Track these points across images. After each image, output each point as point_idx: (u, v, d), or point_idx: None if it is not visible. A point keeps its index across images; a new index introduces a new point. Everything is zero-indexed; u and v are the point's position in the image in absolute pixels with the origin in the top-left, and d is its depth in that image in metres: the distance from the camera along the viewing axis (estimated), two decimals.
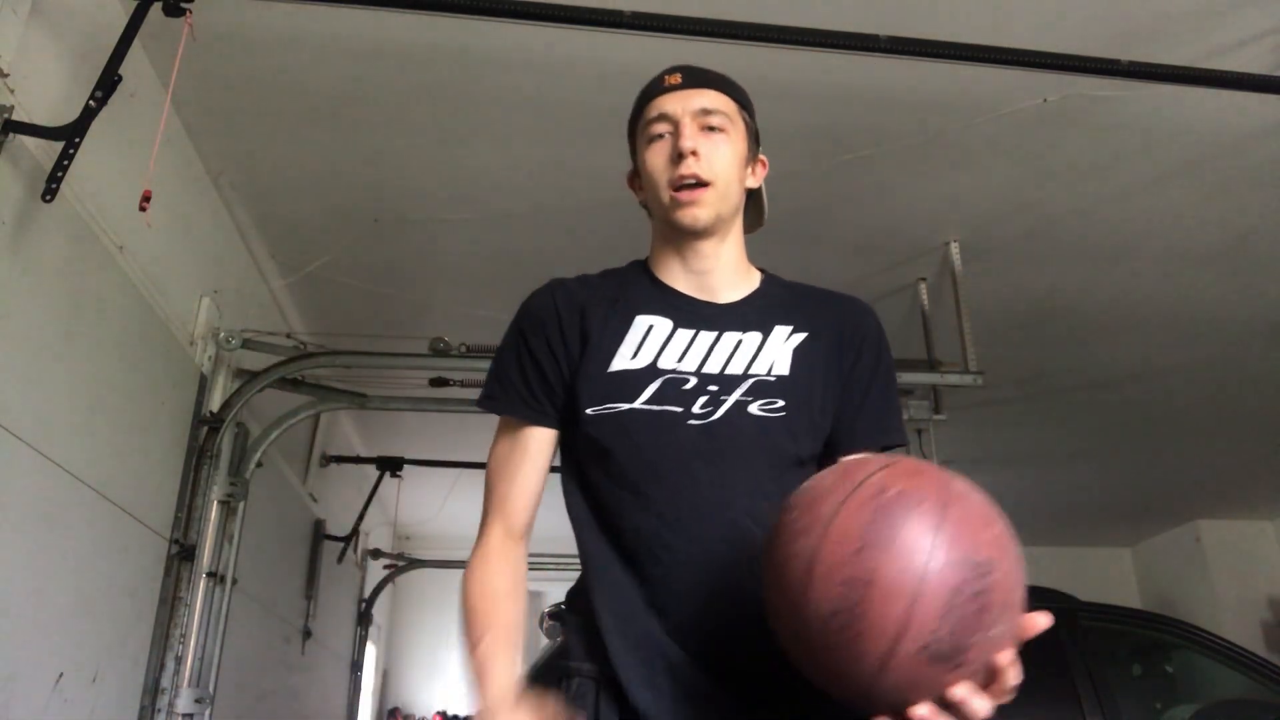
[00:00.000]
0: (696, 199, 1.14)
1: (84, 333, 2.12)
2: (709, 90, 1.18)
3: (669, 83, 1.19)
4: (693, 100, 1.16)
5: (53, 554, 2.01)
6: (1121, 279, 3.44)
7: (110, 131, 2.03)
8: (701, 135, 1.15)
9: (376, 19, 2.19)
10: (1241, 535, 6.47)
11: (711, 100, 1.17)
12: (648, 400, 1.10)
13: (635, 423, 1.09)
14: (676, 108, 1.16)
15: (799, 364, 1.14)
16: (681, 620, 1.06)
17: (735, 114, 1.19)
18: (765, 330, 1.16)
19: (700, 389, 1.11)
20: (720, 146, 1.16)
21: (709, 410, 1.09)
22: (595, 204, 2.95)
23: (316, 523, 4.65)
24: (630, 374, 1.12)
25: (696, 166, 1.13)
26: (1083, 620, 3.18)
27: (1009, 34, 2.18)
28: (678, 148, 1.14)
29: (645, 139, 1.19)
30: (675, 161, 1.14)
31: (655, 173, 1.17)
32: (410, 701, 7.15)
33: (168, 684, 2.52)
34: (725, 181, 1.15)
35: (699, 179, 1.13)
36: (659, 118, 1.17)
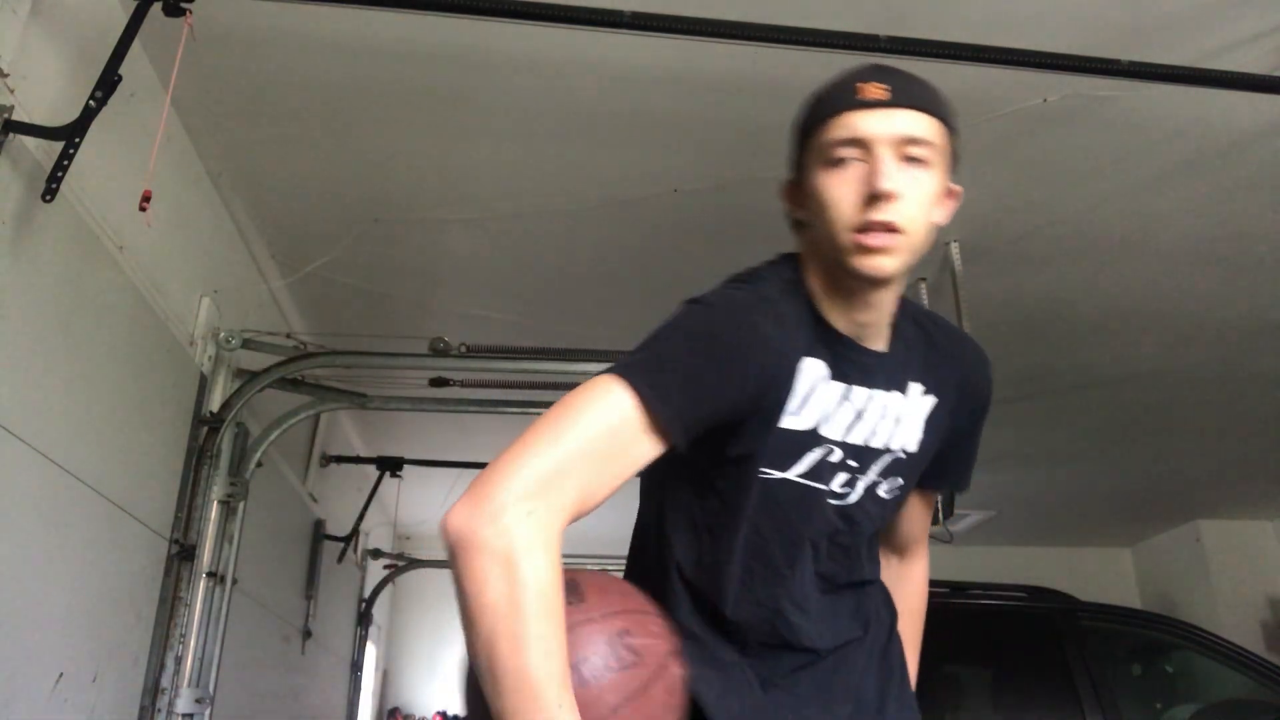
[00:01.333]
0: (885, 247, 0.94)
1: (84, 333, 2.12)
2: (918, 112, 0.97)
3: (869, 95, 0.96)
4: (897, 123, 0.95)
5: (52, 554, 2.01)
6: (1121, 279, 3.44)
7: (110, 131, 2.03)
8: (901, 169, 0.95)
9: (377, 19, 2.19)
10: (1241, 535, 6.47)
11: (919, 126, 0.96)
12: (803, 473, 1.01)
13: (787, 494, 1.01)
14: (875, 131, 0.95)
15: (926, 437, 1.11)
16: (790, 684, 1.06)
17: (942, 140, 0.99)
18: (904, 389, 1.08)
19: (842, 464, 1.03)
20: (921, 184, 0.96)
21: (846, 491, 1.05)
22: (595, 204, 2.95)
23: (316, 523, 4.65)
24: (794, 436, 1.00)
25: (893, 212, 0.93)
26: (1083, 620, 3.18)
27: (1009, 34, 2.18)
28: (874, 186, 0.93)
29: (824, 160, 0.97)
30: (867, 201, 0.94)
31: (836, 207, 0.96)
32: (410, 701, 7.15)
33: (168, 684, 2.52)
34: (919, 228, 0.96)
35: (892, 227, 0.94)
36: (850, 141, 0.96)
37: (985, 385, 1.17)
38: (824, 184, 0.97)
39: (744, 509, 1.00)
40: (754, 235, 3.38)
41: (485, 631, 0.83)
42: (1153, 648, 3.49)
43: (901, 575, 1.29)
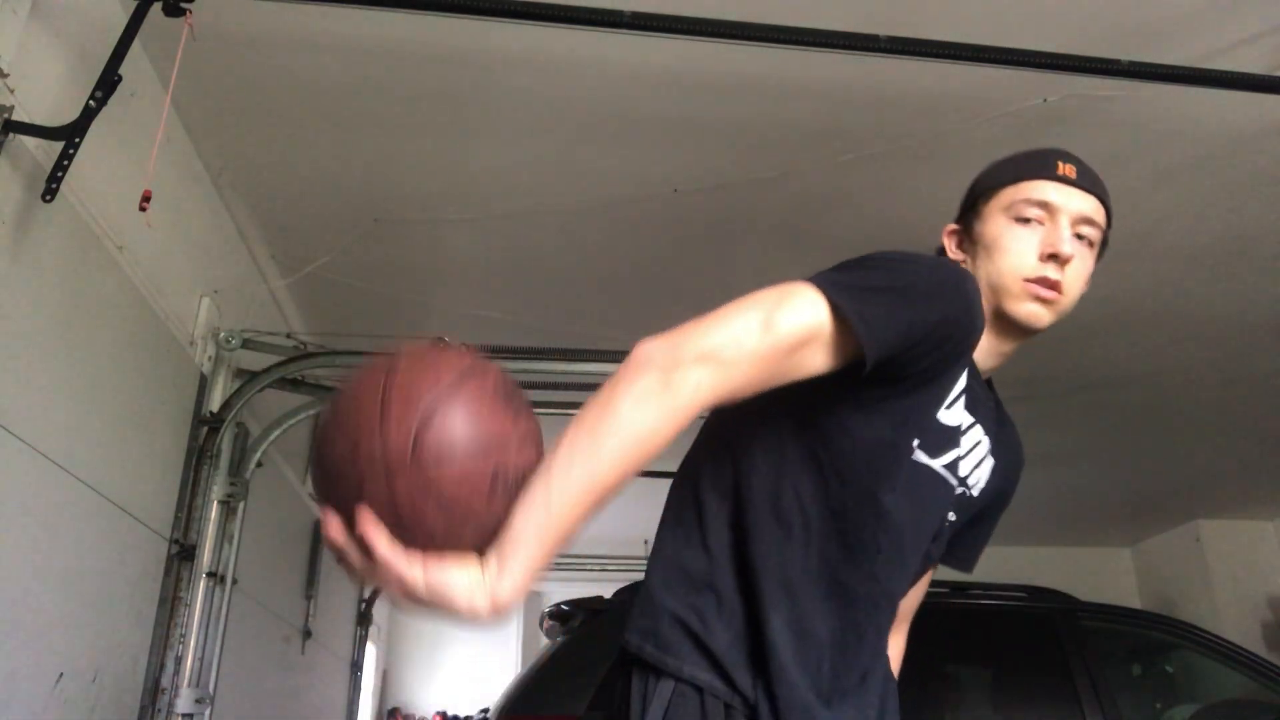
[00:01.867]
0: (1051, 299, 1.07)
1: (84, 333, 2.12)
2: (1095, 198, 1.11)
3: (1063, 172, 1.11)
4: (1080, 203, 1.10)
5: (52, 554, 2.01)
6: (1121, 279, 3.44)
7: (110, 131, 2.03)
8: (1074, 242, 1.09)
9: (377, 19, 2.19)
10: (1241, 535, 6.47)
11: (1094, 211, 1.11)
12: (946, 465, 1.07)
13: (928, 481, 1.05)
14: (1061, 202, 1.09)
15: (985, 493, 1.16)
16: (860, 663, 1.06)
17: (1103, 228, 1.13)
18: (986, 433, 1.14)
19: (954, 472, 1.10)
20: (1086, 260, 1.11)
21: (964, 491, 1.12)
22: (596, 204, 2.95)
23: (316, 523, 4.64)
24: (947, 430, 1.06)
25: (1063, 275, 1.07)
26: (1083, 620, 3.18)
27: (1009, 34, 2.18)
28: (1056, 247, 1.06)
29: (1011, 215, 1.11)
30: (1045, 259, 1.07)
31: (1014, 257, 1.08)
32: (410, 701, 7.16)
33: (168, 684, 2.52)
34: (1072, 298, 1.10)
35: (1058, 286, 1.07)
36: (1039, 204, 1.10)
37: (1018, 470, 1.23)
38: (1009, 236, 1.09)
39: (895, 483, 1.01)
40: (754, 235, 3.40)
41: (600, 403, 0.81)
42: (1153, 648, 3.48)
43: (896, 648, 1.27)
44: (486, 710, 3.18)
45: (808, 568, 1.00)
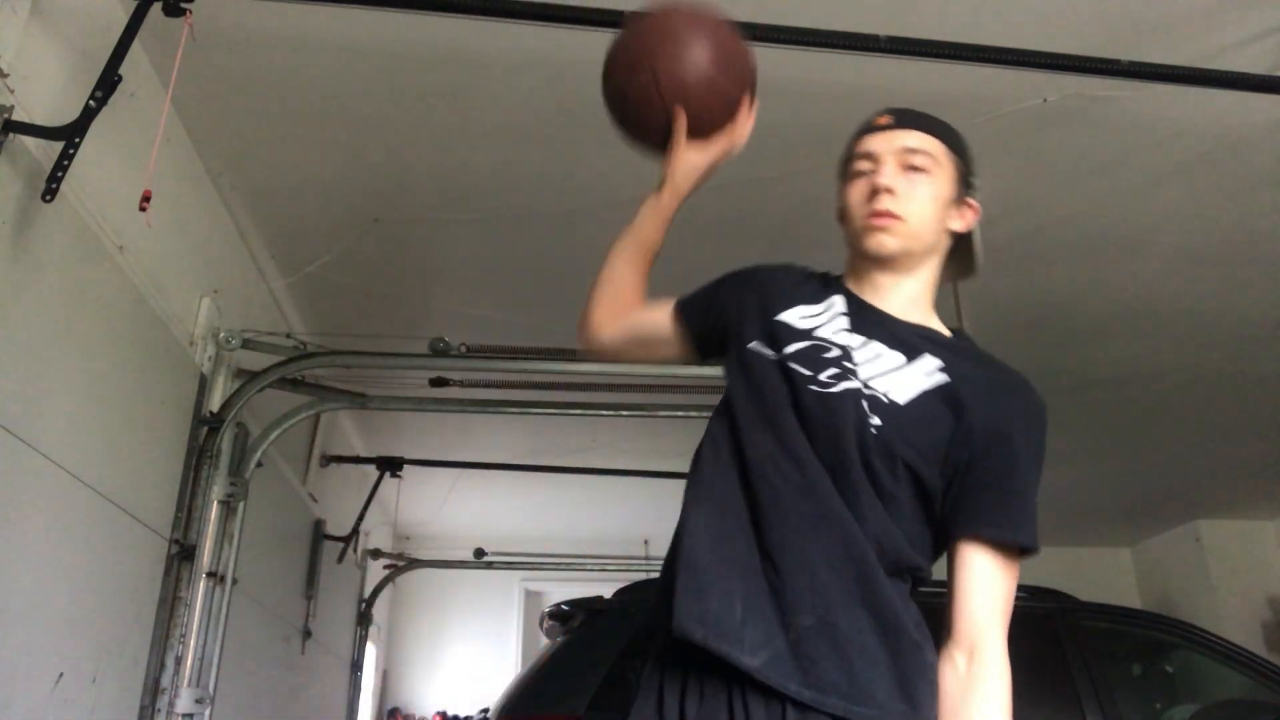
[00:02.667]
0: (885, 225, 1.17)
1: (84, 333, 2.12)
2: (916, 131, 1.21)
3: (878, 123, 1.23)
4: (898, 139, 1.20)
5: (52, 554, 2.01)
6: (1122, 279, 3.44)
7: (110, 131, 2.03)
8: (901, 173, 1.18)
9: (377, 19, 2.19)
10: (1241, 535, 6.47)
11: (917, 140, 1.20)
12: (792, 355, 1.15)
13: (775, 369, 1.15)
14: (881, 147, 1.20)
15: (923, 404, 1.10)
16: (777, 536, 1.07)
17: (943, 156, 1.21)
18: (911, 355, 1.13)
19: (834, 362, 1.13)
20: (919, 186, 1.18)
21: (831, 382, 1.11)
22: (596, 204, 2.95)
23: (316, 523, 4.65)
24: (789, 328, 1.18)
25: (890, 202, 1.17)
26: (1083, 620, 3.18)
27: (1009, 34, 2.18)
28: (874, 182, 1.18)
29: (849, 175, 1.24)
30: (871, 197, 1.18)
31: (853, 207, 1.21)
32: (410, 701, 7.15)
33: (168, 684, 2.52)
34: (919, 219, 1.18)
35: (891, 214, 1.16)
36: (863, 155, 1.22)
37: (1028, 408, 1.15)
38: (847, 191, 1.23)
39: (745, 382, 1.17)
40: (754, 235, 3.39)
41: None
42: (1153, 648, 3.48)
43: (971, 683, 1.05)
44: (486, 710, 3.18)
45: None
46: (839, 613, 1.03)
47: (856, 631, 1.03)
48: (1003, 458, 1.10)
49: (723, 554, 1.07)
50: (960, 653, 1.07)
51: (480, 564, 5.94)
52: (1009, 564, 1.10)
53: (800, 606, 1.03)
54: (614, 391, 3.54)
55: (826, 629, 1.02)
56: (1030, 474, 1.12)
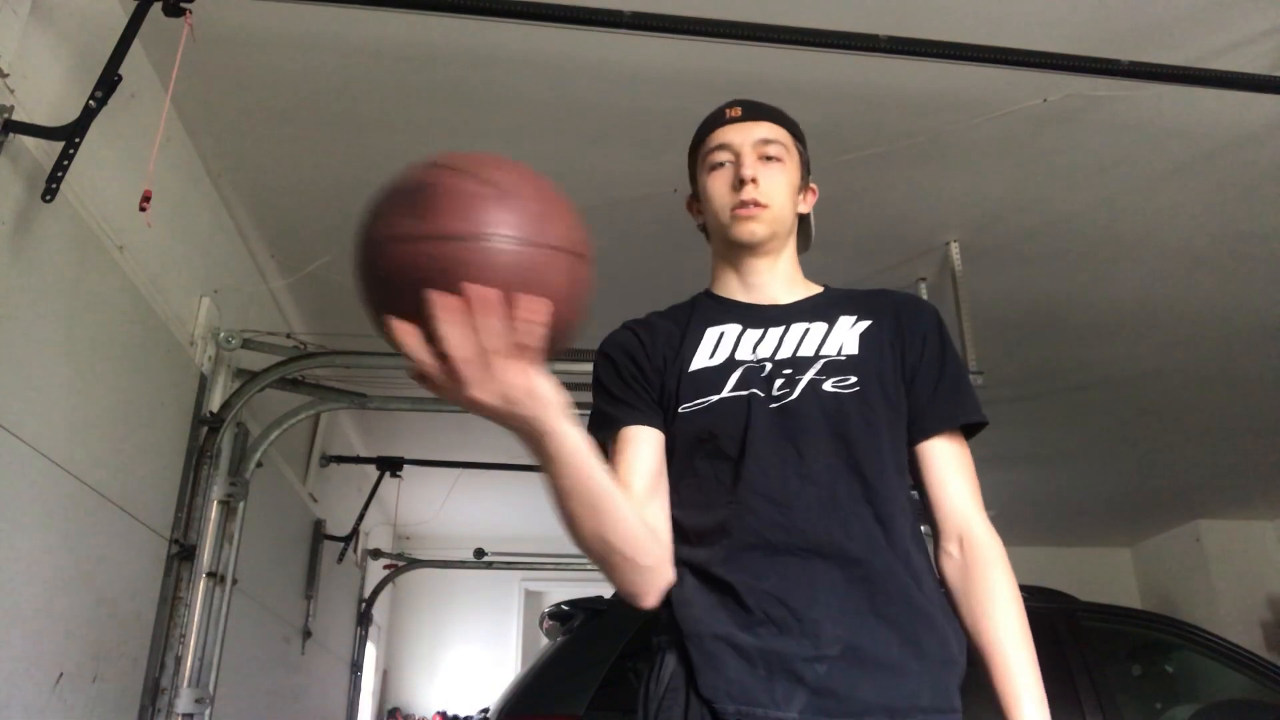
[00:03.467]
0: (754, 215, 1.22)
1: (84, 333, 2.12)
2: (767, 122, 1.26)
3: (730, 115, 1.27)
4: (753, 131, 1.25)
5: (52, 554, 2.01)
6: (1121, 279, 3.44)
7: (110, 131, 2.03)
8: (760, 164, 1.23)
9: (377, 19, 2.19)
10: (1241, 535, 6.47)
11: (769, 131, 1.26)
12: (733, 389, 1.16)
13: (725, 409, 1.15)
14: (737, 138, 1.25)
15: (866, 345, 1.19)
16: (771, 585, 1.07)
17: (790, 145, 1.27)
18: (830, 320, 1.22)
19: (776, 373, 1.17)
20: (776, 174, 1.24)
21: (785, 392, 1.15)
22: (596, 204, 2.95)
23: (316, 523, 4.65)
24: (711, 370, 1.19)
25: (755, 192, 1.22)
26: (1083, 620, 3.18)
27: (1009, 34, 2.18)
28: (739, 175, 1.22)
29: (707, 166, 1.27)
30: (737, 188, 1.23)
31: (717, 198, 1.25)
32: (410, 701, 7.15)
33: (168, 684, 2.52)
34: (780, 205, 1.24)
35: (757, 203, 1.22)
36: (720, 147, 1.26)
37: (927, 319, 1.25)
38: (709, 183, 1.27)
39: (701, 433, 1.16)
40: None
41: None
42: (1153, 648, 3.48)
43: (970, 565, 1.11)
44: (486, 710, 3.18)
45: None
46: (861, 636, 1.04)
47: (884, 647, 1.03)
48: (934, 360, 1.21)
49: (725, 613, 1.07)
50: (951, 543, 1.14)
51: (480, 564, 5.94)
52: (965, 445, 1.22)
53: (822, 640, 1.03)
54: None
55: (852, 655, 1.03)
56: (955, 363, 1.23)
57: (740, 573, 1.07)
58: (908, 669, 1.03)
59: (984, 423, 1.21)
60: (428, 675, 7.25)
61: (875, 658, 1.03)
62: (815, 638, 1.03)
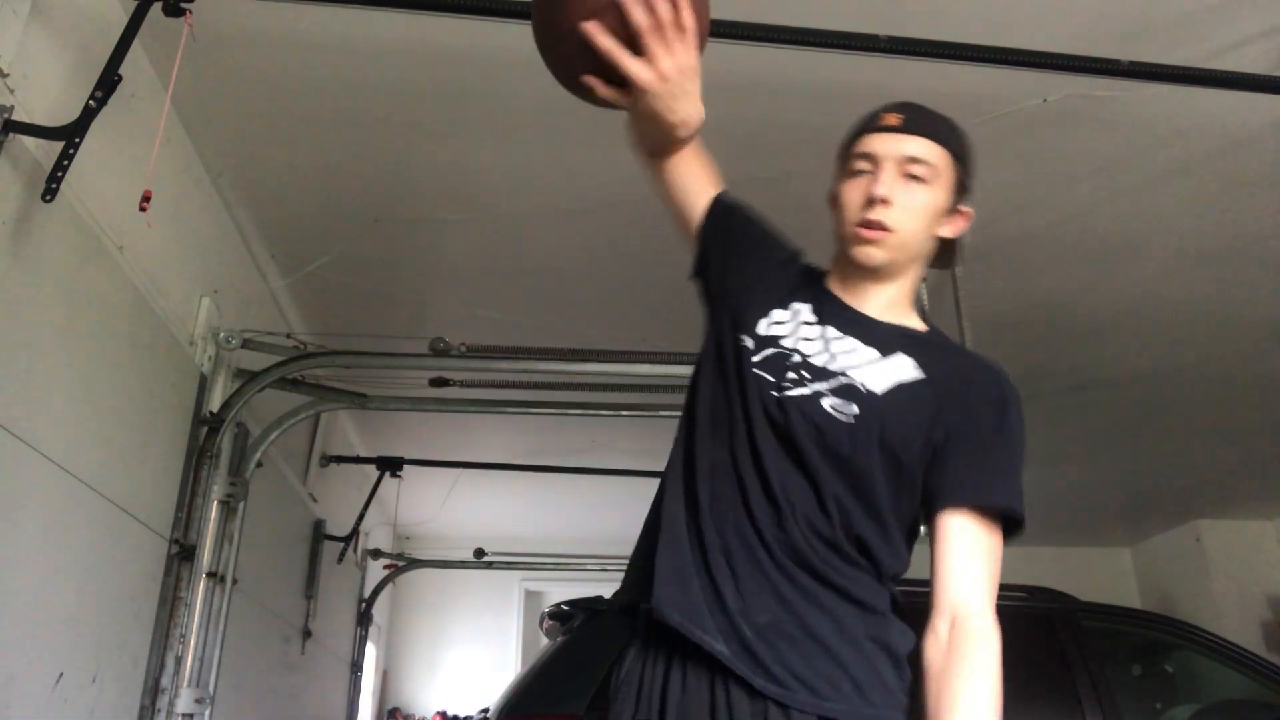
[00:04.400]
0: (876, 239, 1.17)
1: (84, 333, 2.12)
2: (922, 138, 1.19)
3: (884, 122, 1.21)
4: (902, 145, 1.18)
5: (52, 554, 2.01)
6: (1121, 279, 3.44)
7: (110, 131, 2.03)
8: (899, 182, 1.17)
9: (377, 19, 2.19)
10: (1241, 535, 6.47)
11: (920, 149, 1.18)
12: (757, 364, 1.18)
13: (751, 373, 1.17)
14: (883, 149, 1.18)
15: (896, 395, 1.12)
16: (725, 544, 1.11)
17: (944, 165, 1.19)
18: (886, 353, 1.17)
19: (795, 369, 1.16)
20: (916, 196, 1.17)
21: (787, 388, 1.14)
22: (596, 204, 2.95)
23: (316, 523, 4.65)
24: (759, 338, 1.21)
25: (884, 214, 1.16)
26: (1083, 620, 3.18)
27: (1009, 34, 2.18)
28: (871, 191, 1.17)
29: (847, 171, 1.22)
30: (865, 204, 1.17)
31: (847, 207, 1.20)
32: (410, 701, 7.15)
33: (168, 684, 2.52)
34: (909, 232, 1.18)
35: (883, 225, 1.16)
36: (864, 155, 1.20)
37: (991, 385, 1.17)
38: (843, 189, 1.22)
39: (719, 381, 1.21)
40: None
41: None
42: (1153, 648, 3.48)
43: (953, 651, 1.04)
44: (486, 710, 3.18)
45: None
46: (798, 611, 1.07)
47: (815, 628, 1.06)
48: (979, 435, 1.13)
49: (694, 544, 1.12)
50: (942, 621, 1.07)
51: (480, 564, 5.94)
52: (990, 532, 1.11)
53: (757, 606, 1.07)
54: (614, 391, 3.54)
55: (782, 627, 1.06)
56: (1007, 449, 1.13)
57: (712, 518, 1.12)
58: (840, 656, 1.05)
59: (1019, 519, 1.11)
60: (428, 675, 7.25)
61: (804, 632, 1.06)
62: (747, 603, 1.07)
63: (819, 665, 1.04)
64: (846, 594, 1.08)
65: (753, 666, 1.03)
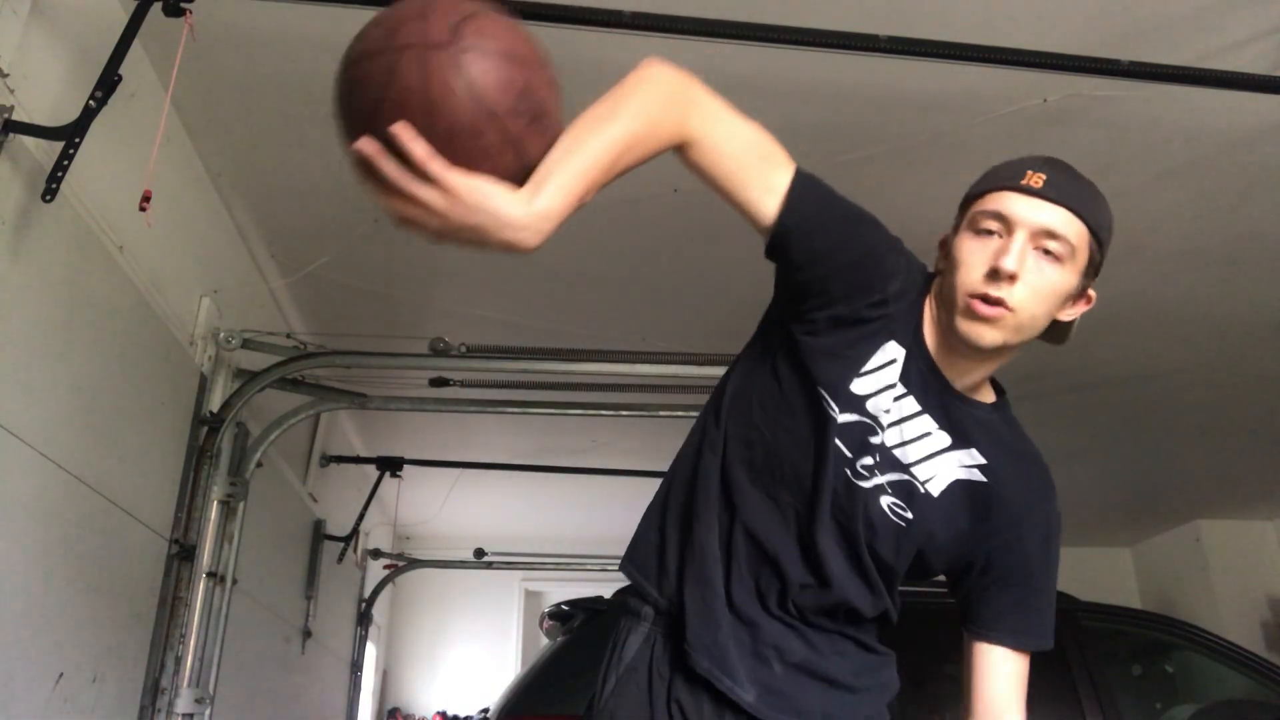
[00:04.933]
0: (991, 317, 1.02)
1: (84, 333, 2.12)
2: (1066, 210, 1.04)
3: (1027, 182, 1.06)
4: (1043, 215, 1.04)
5: (52, 554, 2.01)
6: (1121, 279, 3.44)
7: (110, 131, 2.03)
8: (1032, 256, 1.03)
9: None
10: (1241, 535, 6.46)
11: (1063, 223, 1.04)
12: (840, 430, 1.06)
13: (826, 435, 1.06)
14: (1021, 214, 1.04)
15: (951, 497, 1.09)
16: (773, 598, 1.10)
17: (1083, 244, 1.05)
18: (959, 442, 1.09)
19: (873, 451, 1.07)
20: (1047, 276, 1.03)
21: (864, 475, 1.07)
22: (596, 204, 2.94)
23: (316, 523, 4.65)
24: (849, 395, 1.07)
25: (1008, 292, 1.02)
26: (1083, 620, 3.18)
27: (1009, 34, 2.18)
28: (998, 262, 1.02)
29: (974, 226, 1.08)
30: (988, 274, 1.03)
31: (966, 268, 1.05)
32: (410, 701, 7.15)
33: (168, 684, 2.52)
34: (1029, 315, 1.04)
35: (1004, 303, 1.02)
36: (996, 215, 1.06)
37: (1049, 511, 1.18)
38: (965, 246, 1.07)
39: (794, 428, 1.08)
40: (752, 235, 3.38)
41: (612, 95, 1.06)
42: (1153, 648, 3.49)
43: None
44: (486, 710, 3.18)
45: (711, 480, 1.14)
46: (823, 655, 1.10)
47: (837, 673, 1.10)
48: (1027, 571, 1.15)
49: (724, 582, 1.10)
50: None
51: (480, 564, 5.94)
52: (1027, 658, 1.16)
53: (787, 648, 1.09)
54: (614, 391, 3.54)
55: (809, 668, 1.09)
56: (1049, 578, 1.17)
57: (747, 564, 1.10)
58: (854, 689, 1.11)
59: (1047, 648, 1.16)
60: (428, 675, 7.25)
61: (828, 679, 1.10)
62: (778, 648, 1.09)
63: (838, 706, 1.10)
64: (862, 644, 1.15)
65: (777, 709, 1.06)
